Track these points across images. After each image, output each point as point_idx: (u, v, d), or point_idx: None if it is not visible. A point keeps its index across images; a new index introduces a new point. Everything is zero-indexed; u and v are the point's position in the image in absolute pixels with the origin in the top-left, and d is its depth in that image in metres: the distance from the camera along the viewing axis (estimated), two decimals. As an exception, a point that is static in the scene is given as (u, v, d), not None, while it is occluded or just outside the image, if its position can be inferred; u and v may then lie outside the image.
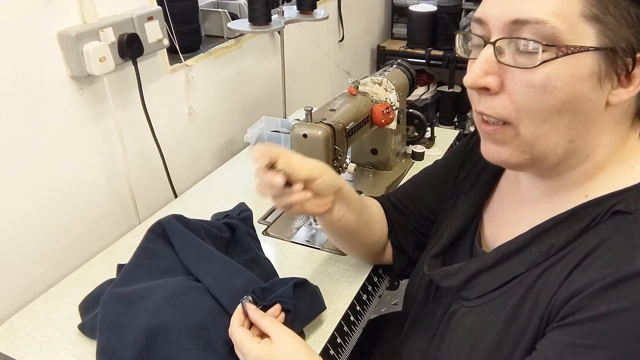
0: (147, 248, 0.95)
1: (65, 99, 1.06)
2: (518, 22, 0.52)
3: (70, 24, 1.03)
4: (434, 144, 1.48)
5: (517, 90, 0.54)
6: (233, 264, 0.92)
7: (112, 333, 0.80)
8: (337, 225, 0.83)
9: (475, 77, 0.55)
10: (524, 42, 0.52)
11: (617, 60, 0.52)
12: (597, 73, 0.52)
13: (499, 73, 0.55)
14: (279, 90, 1.71)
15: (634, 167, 0.58)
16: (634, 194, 0.55)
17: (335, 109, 1.08)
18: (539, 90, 0.53)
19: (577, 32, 0.51)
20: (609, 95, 0.53)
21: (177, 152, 1.40)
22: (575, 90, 0.52)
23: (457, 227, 0.76)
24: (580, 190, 0.60)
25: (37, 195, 1.04)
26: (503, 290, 0.62)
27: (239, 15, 1.63)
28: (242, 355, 0.74)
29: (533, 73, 0.52)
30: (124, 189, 1.24)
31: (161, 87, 1.31)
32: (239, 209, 1.12)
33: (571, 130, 0.55)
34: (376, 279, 1.02)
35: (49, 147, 1.04)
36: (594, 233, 0.55)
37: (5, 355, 0.85)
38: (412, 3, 2.69)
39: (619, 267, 0.50)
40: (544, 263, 0.58)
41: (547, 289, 0.56)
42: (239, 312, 0.78)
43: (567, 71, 0.52)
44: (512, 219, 0.69)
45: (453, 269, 0.69)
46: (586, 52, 0.51)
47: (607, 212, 0.55)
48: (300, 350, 0.72)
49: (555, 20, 0.50)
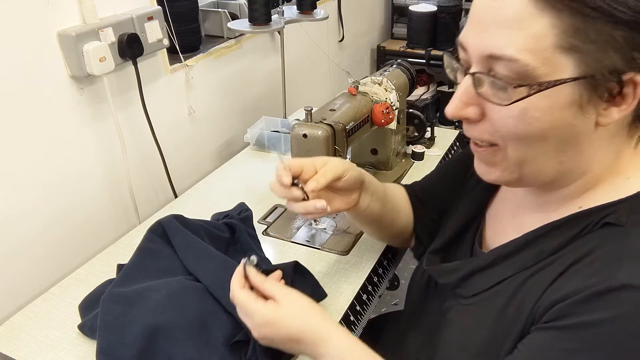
0: (147, 248, 0.95)
1: (65, 98, 1.06)
2: (493, 57, 0.52)
3: (70, 24, 1.03)
4: (434, 144, 1.48)
5: (497, 120, 0.55)
6: (233, 263, 0.92)
7: (112, 333, 0.80)
8: (362, 215, 0.85)
9: (455, 109, 0.56)
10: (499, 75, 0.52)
11: (600, 85, 0.50)
12: (577, 101, 0.51)
13: (478, 103, 0.56)
14: (279, 90, 1.71)
15: (629, 178, 0.57)
16: (626, 207, 0.54)
17: (335, 109, 1.08)
18: (519, 121, 0.53)
19: (552, 65, 0.49)
20: (598, 117, 0.52)
21: (177, 152, 1.40)
22: (556, 119, 0.52)
23: (458, 225, 0.77)
24: (575, 202, 0.60)
25: (37, 195, 1.04)
26: (494, 290, 0.63)
27: (239, 15, 1.63)
28: (247, 319, 0.71)
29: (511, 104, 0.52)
30: (124, 189, 1.24)
31: (161, 87, 1.31)
32: (239, 209, 1.12)
33: (560, 153, 0.55)
34: (376, 279, 1.02)
35: (49, 147, 1.04)
36: (583, 242, 0.55)
37: (5, 355, 0.85)
38: (412, 3, 2.69)
39: (603, 278, 0.50)
40: (533, 267, 0.59)
41: (533, 292, 0.57)
42: (239, 274, 0.74)
43: (544, 103, 0.51)
44: (510, 224, 0.69)
45: (451, 267, 0.70)
46: (565, 83, 0.50)
47: (598, 223, 0.55)
48: (308, 308, 0.69)
49: (527, 57, 0.49)
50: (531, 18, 0.48)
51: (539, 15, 0.48)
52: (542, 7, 0.48)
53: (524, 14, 0.49)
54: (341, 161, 0.78)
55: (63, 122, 1.06)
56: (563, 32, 0.48)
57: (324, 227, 1.14)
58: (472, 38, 0.54)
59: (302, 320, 0.68)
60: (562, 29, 0.48)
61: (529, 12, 0.48)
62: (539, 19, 0.48)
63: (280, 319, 0.68)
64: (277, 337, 0.69)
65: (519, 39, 0.49)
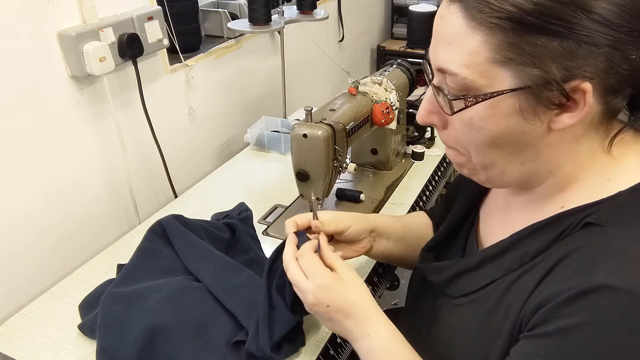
0: (147, 248, 0.95)
1: (65, 98, 1.06)
2: (441, 70, 0.56)
3: (70, 24, 1.03)
4: (434, 143, 1.48)
5: (454, 127, 0.59)
6: (233, 263, 0.92)
7: (112, 333, 0.80)
8: (382, 257, 0.92)
9: (421, 116, 0.62)
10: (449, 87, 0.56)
11: (542, 94, 0.51)
12: (519, 111, 0.53)
13: (440, 112, 0.60)
14: (279, 90, 1.71)
15: (610, 179, 0.57)
16: (606, 207, 0.55)
17: (335, 109, 1.08)
18: (469, 128, 0.57)
19: (490, 77, 0.52)
20: (550, 122, 0.54)
21: (177, 152, 1.40)
22: (503, 127, 0.55)
23: (453, 222, 0.78)
24: (556, 201, 0.60)
25: (37, 195, 1.04)
26: (482, 293, 0.63)
27: (239, 15, 1.63)
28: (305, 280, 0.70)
29: (460, 114, 0.56)
30: (124, 189, 1.24)
31: (161, 87, 1.31)
32: (239, 209, 1.12)
33: (516, 156, 0.58)
34: (376, 279, 1.02)
35: (49, 147, 1.04)
36: (565, 243, 0.56)
37: (5, 355, 0.85)
38: (412, 3, 2.69)
39: (580, 280, 0.50)
40: (518, 270, 0.60)
41: (519, 296, 0.57)
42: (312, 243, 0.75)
43: (487, 112, 0.54)
44: (500, 223, 0.70)
45: (441, 266, 0.71)
46: (501, 95, 0.52)
47: (578, 223, 0.55)
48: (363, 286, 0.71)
49: (465, 71, 0.53)
50: (465, 36, 0.53)
51: (472, 33, 0.52)
52: (473, 27, 0.52)
53: (460, 32, 0.53)
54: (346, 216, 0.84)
55: (63, 122, 1.06)
56: (497, 47, 0.51)
57: (324, 227, 1.14)
58: (430, 52, 0.59)
59: (358, 294, 0.69)
60: (494, 44, 0.51)
61: (463, 31, 0.53)
62: (473, 37, 0.52)
63: (340, 286, 0.69)
64: (332, 304, 0.69)
65: (457, 55, 0.54)
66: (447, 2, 0.55)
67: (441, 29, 0.56)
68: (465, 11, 0.52)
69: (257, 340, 0.77)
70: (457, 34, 0.53)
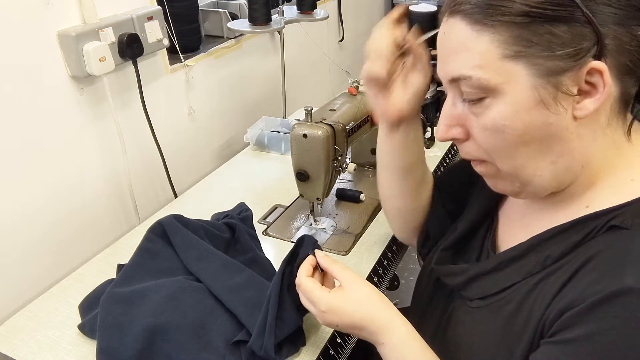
0: (147, 248, 0.95)
1: (65, 99, 1.06)
2: (453, 80, 0.58)
3: (70, 24, 1.03)
4: (434, 144, 1.48)
5: (477, 135, 0.59)
6: (233, 263, 0.92)
7: (112, 333, 0.80)
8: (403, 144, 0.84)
9: (442, 133, 0.62)
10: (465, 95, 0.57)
11: (561, 80, 0.52)
12: (540, 102, 0.53)
13: (460, 123, 0.61)
14: (279, 90, 1.71)
15: (634, 180, 0.57)
16: (632, 210, 0.54)
17: (335, 109, 1.08)
18: (493, 131, 0.56)
19: (504, 73, 0.53)
20: (574, 110, 0.53)
21: (177, 152, 1.40)
22: (526, 122, 0.54)
23: (470, 222, 0.77)
24: (581, 201, 0.59)
25: (37, 195, 1.04)
26: (501, 296, 0.62)
27: (239, 15, 1.63)
28: (311, 306, 0.72)
29: (482, 119, 0.57)
30: (124, 189, 1.24)
31: (161, 87, 1.31)
32: (239, 209, 1.12)
33: (546, 154, 0.56)
34: (376, 279, 1.02)
35: (49, 147, 1.04)
36: (589, 246, 0.55)
37: (5, 355, 0.85)
38: (412, 3, 2.69)
39: (608, 283, 0.49)
40: (540, 273, 0.59)
41: (542, 300, 0.56)
42: (308, 262, 0.76)
43: (509, 109, 0.54)
44: (519, 225, 0.69)
45: (457, 269, 0.70)
46: (522, 86, 0.53)
47: (604, 226, 0.55)
48: (372, 295, 0.70)
49: (478, 72, 0.54)
50: (472, 40, 0.54)
51: (478, 36, 0.54)
52: (478, 29, 0.54)
53: (466, 38, 0.55)
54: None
55: (63, 122, 1.06)
56: (504, 43, 0.52)
57: (324, 227, 1.14)
58: (439, 70, 0.61)
59: (365, 309, 0.69)
60: (502, 41, 0.53)
61: (469, 36, 0.54)
62: (480, 39, 0.54)
63: (344, 307, 0.69)
64: (341, 324, 0.70)
65: (467, 59, 0.55)
66: (446, 18, 0.58)
67: (446, 43, 0.58)
68: (467, 17, 0.54)
69: (262, 341, 0.77)
70: (463, 40, 0.55)
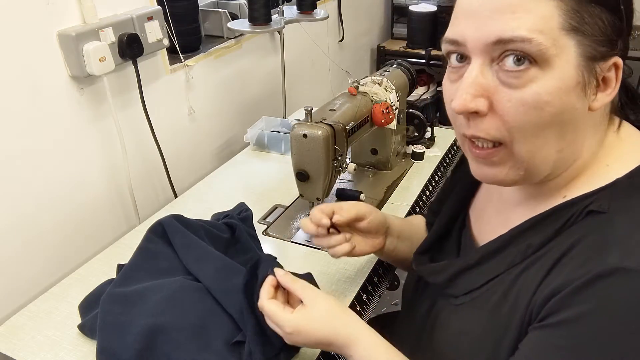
0: (147, 248, 0.95)
1: (65, 99, 1.06)
2: (501, 41, 0.51)
3: (70, 24, 1.03)
4: (434, 144, 1.48)
5: (507, 110, 0.53)
6: (232, 263, 0.92)
7: (112, 333, 0.80)
8: (391, 256, 0.91)
9: (464, 102, 0.54)
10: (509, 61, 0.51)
11: (595, 67, 0.52)
12: (582, 82, 0.52)
13: (486, 95, 0.54)
14: (279, 90, 1.71)
15: (609, 165, 0.58)
16: (607, 194, 0.55)
17: (335, 109, 1.08)
18: (531, 107, 0.52)
19: (559, 45, 0.50)
20: (590, 101, 0.54)
21: (177, 152, 1.40)
22: (564, 102, 0.52)
23: (443, 222, 0.77)
24: (560, 192, 0.60)
25: (37, 195, 1.04)
26: (485, 288, 0.63)
27: (239, 15, 1.63)
28: (277, 327, 0.72)
29: (522, 91, 0.52)
30: (124, 189, 1.24)
31: (161, 87, 1.31)
32: (239, 209, 1.12)
33: (560, 140, 0.55)
34: (376, 279, 1.02)
35: (49, 147, 1.04)
36: (569, 233, 0.55)
37: (5, 355, 0.85)
38: (412, 3, 2.69)
39: (592, 266, 0.50)
40: (522, 263, 0.59)
41: (526, 289, 0.57)
42: (267, 283, 0.74)
43: (554, 84, 0.51)
44: (496, 220, 0.70)
45: (439, 267, 0.70)
46: (570, 64, 0.51)
47: (581, 212, 0.55)
48: (334, 311, 0.70)
49: (539, 37, 0.50)
50: (535, 1, 0.50)
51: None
52: None
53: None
54: (366, 205, 0.85)
55: (63, 122, 1.06)
56: (565, 13, 0.50)
57: (324, 227, 1.14)
58: (471, 31, 0.53)
59: (329, 326, 0.69)
60: (564, 10, 0.50)
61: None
62: (544, 2, 0.50)
63: (308, 326, 0.69)
64: (309, 342, 0.71)
65: (527, 20, 0.50)
66: None
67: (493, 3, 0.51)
68: None
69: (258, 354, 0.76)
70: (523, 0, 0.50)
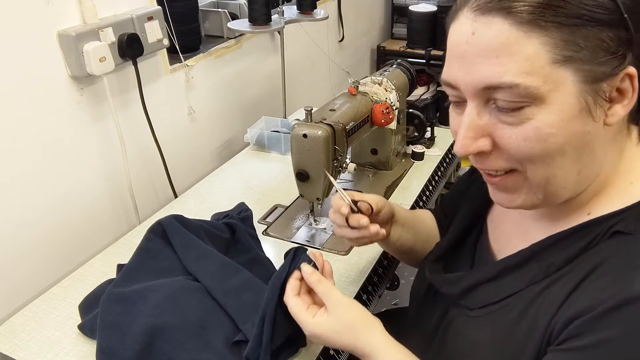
0: (147, 248, 0.95)
1: (65, 99, 1.06)
2: (490, 87, 0.51)
3: (70, 24, 1.03)
4: (434, 144, 1.48)
5: (510, 146, 0.53)
6: (231, 263, 0.92)
7: (112, 333, 0.80)
8: (395, 246, 0.90)
9: (465, 147, 0.54)
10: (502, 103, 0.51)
11: (601, 86, 0.50)
12: (586, 107, 0.51)
13: (487, 133, 0.54)
14: (279, 90, 1.71)
15: (633, 183, 0.56)
16: (633, 214, 0.54)
17: (335, 109, 1.08)
18: (534, 141, 0.51)
19: (552, 80, 0.49)
20: (605, 117, 0.52)
21: (177, 152, 1.40)
22: (570, 130, 0.51)
23: (458, 231, 0.76)
24: (584, 209, 0.59)
25: (37, 195, 1.04)
26: (503, 304, 0.61)
27: (239, 15, 1.63)
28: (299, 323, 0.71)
29: (522, 127, 0.51)
30: (124, 189, 1.24)
31: (161, 87, 1.31)
32: (239, 209, 1.12)
33: (577, 163, 0.54)
34: (376, 279, 1.02)
35: (49, 147, 1.04)
36: (594, 253, 0.54)
37: (5, 355, 0.85)
38: (412, 3, 2.69)
39: (618, 290, 0.48)
40: (544, 281, 0.58)
41: (547, 308, 0.55)
42: (294, 278, 0.73)
43: (554, 118, 0.50)
44: (514, 233, 0.68)
45: (453, 277, 0.69)
46: (569, 94, 0.50)
47: (606, 232, 0.54)
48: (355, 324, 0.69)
49: (526, 80, 0.49)
50: (519, 42, 0.49)
51: (527, 37, 0.49)
52: (527, 30, 0.48)
53: (510, 39, 0.49)
54: (378, 196, 0.85)
55: (63, 122, 1.06)
56: (554, 48, 0.48)
57: (324, 227, 1.14)
58: (461, 75, 0.53)
59: (349, 339, 0.68)
60: (552, 44, 0.48)
61: (514, 37, 0.49)
62: (528, 41, 0.49)
63: (325, 335, 0.69)
64: (330, 344, 0.71)
65: (512, 64, 0.49)
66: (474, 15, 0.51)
67: (478, 46, 0.51)
68: (513, 17, 0.49)
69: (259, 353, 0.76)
70: (506, 42, 0.49)
